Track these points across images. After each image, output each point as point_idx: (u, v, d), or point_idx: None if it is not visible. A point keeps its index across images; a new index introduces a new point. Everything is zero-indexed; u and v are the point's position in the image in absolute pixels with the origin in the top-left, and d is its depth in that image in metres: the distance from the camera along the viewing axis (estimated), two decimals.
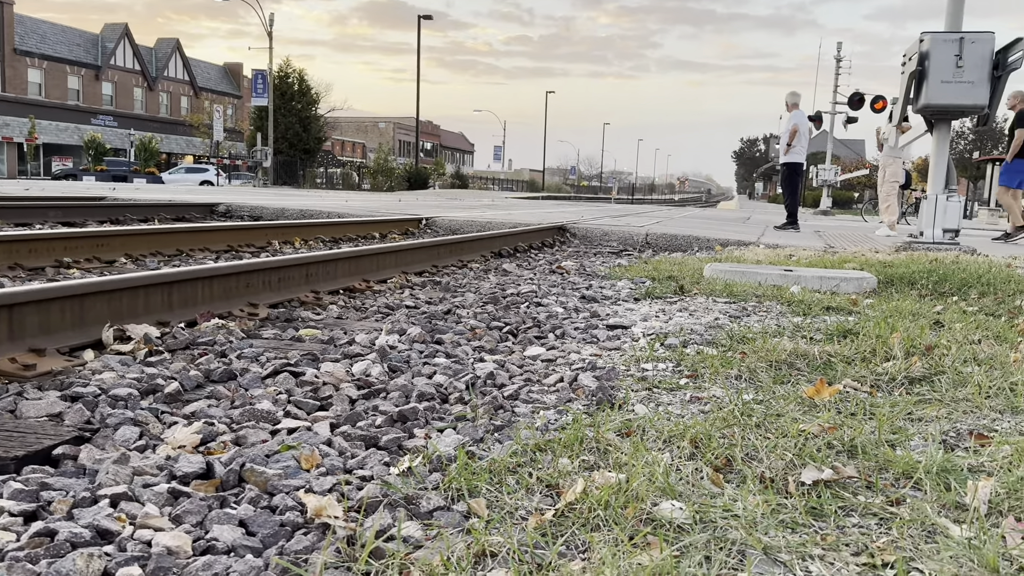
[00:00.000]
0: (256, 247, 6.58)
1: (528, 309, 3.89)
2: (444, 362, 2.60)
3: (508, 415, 2.07)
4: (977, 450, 1.82)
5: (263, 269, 3.64)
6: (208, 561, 1.20)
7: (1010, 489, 1.54)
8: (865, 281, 4.87)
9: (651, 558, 1.22)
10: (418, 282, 4.91)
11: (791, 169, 12.28)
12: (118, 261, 5.13)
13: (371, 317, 3.57)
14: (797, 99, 12.07)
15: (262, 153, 35.74)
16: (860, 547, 1.33)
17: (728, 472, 1.66)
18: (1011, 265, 6.05)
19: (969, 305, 4.20)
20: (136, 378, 2.20)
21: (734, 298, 4.35)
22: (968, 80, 7.44)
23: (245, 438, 1.79)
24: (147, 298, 2.94)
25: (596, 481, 1.50)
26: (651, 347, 2.92)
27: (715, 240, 8.82)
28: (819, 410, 2.09)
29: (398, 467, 1.63)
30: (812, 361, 2.66)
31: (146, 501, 1.42)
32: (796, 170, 12.30)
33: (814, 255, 6.88)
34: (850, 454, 1.75)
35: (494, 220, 9.99)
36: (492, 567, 1.23)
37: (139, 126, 53.36)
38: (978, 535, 1.32)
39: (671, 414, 2.06)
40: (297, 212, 10.14)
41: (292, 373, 2.35)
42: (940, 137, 8.06)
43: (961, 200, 8.38)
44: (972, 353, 2.79)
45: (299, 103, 42.46)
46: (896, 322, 3.36)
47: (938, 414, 2.11)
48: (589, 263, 6.79)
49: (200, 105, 58.00)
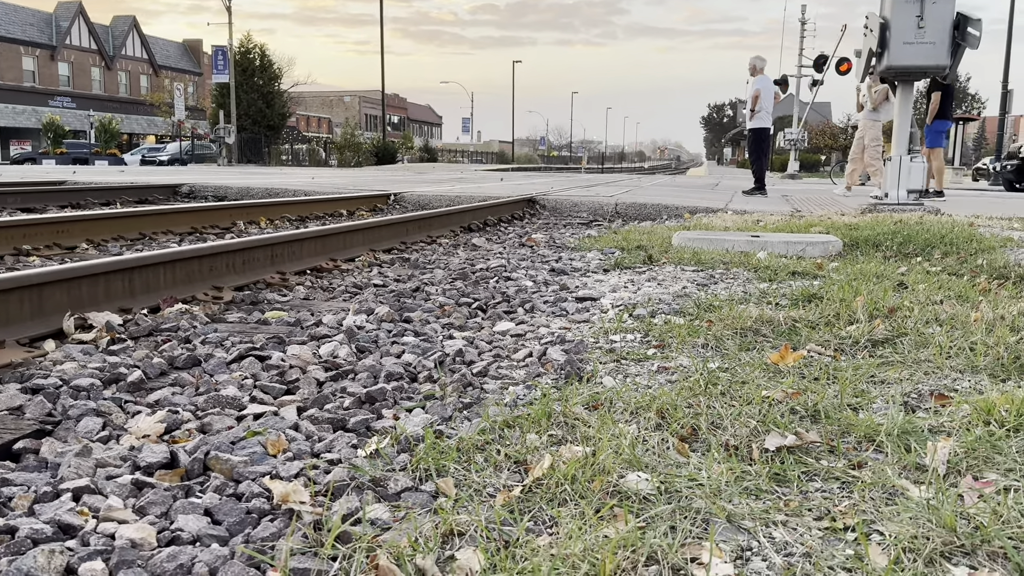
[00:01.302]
0: (220, 228, 6.50)
1: (497, 284, 3.89)
2: (413, 341, 2.59)
3: (477, 392, 2.07)
4: (937, 411, 1.85)
5: (227, 251, 3.59)
6: (173, 552, 1.19)
7: (968, 448, 1.57)
8: (831, 245, 4.92)
9: (617, 530, 1.23)
10: (386, 260, 4.88)
11: (757, 135, 12.32)
12: (79, 247, 5.03)
13: (339, 297, 3.55)
14: (762, 63, 12.05)
15: (225, 131, 35.08)
16: (822, 511, 1.35)
17: (694, 441, 1.67)
18: (973, 225, 6.14)
19: (932, 265, 4.26)
20: (98, 367, 2.17)
21: (702, 266, 4.38)
22: (930, 41, 7.48)
23: (210, 425, 1.77)
24: (108, 285, 2.89)
25: (563, 456, 1.51)
26: (619, 318, 2.93)
27: (684, 208, 8.85)
28: (783, 376, 2.11)
29: (366, 449, 1.62)
30: (777, 327, 2.68)
31: (109, 493, 1.40)
32: (762, 135, 12.34)
33: (781, 220, 6.94)
34: (813, 419, 1.78)
35: (463, 194, 9.94)
36: (460, 546, 1.23)
37: (98, 107, 52.21)
38: (937, 496, 1.35)
39: (639, 385, 2.07)
40: (262, 191, 10.01)
41: (258, 357, 2.33)
42: (903, 99, 8.12)
43: (924, 161, 8.45)
44: (934, 314, 2.84)
45: (261, 79, 41.72)
46: (860, 285, 3.40)
47: (900, 376, 2.15)
48: (559, 235, 6.79)
49: (160, 83, 56.85)
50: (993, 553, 1.19)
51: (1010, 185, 19.79)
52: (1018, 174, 19.42)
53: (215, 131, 35.35)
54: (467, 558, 1.16)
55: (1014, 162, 19.61)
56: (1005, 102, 27.94)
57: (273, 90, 42.72)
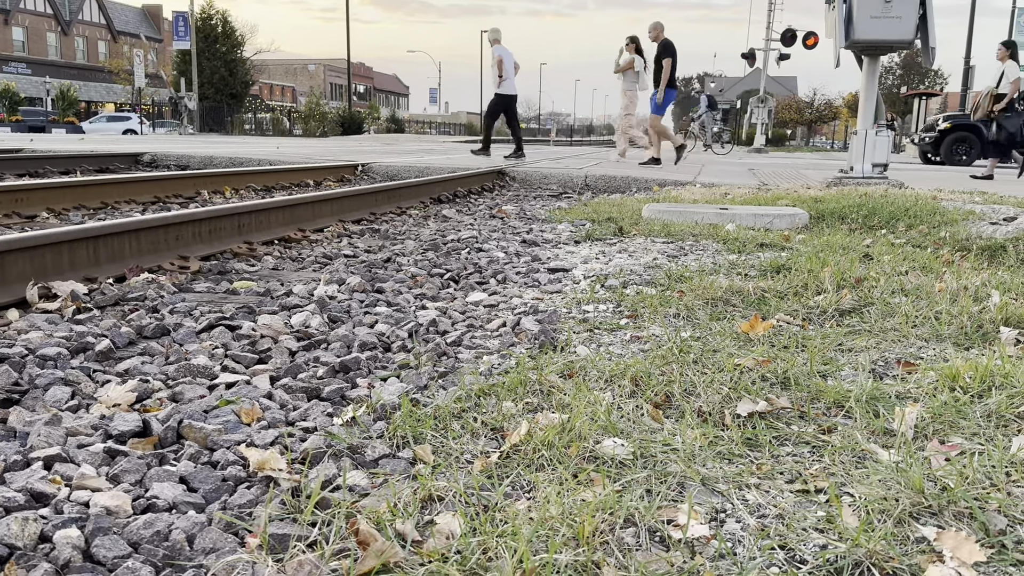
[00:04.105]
0: (184, 198, 6.39)
1: (469, 255, 3.88)
2: (385, 311, 2.58)
3: (451, 361, 2.07)
4: (904, 377, 1.89)
5: (193, 220, 3.53)
6: (149, 519, 1.18)
7: (935, 413, 1.61)
8: (797, 217, 4.97)
9: (594, 494, 1.24)
10: (356, 230, 4.84)
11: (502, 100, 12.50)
12: (40, 216, 4.91)
13: (308, 267, 3.51)
14: (497, 34, 12.61)
15: (187, 97, 34.27)
16: (794, 475, 1.38)
17: (668, 408, 1.69)
18: (936, 198, 6.25)
19: (897, 238, 4.33)
20: (65, 336, 2.13)
21: (672, 238, 4.41)
22: (896, 15, 7.54)
23: (182, 394, 1.75)
24: (72, 254, 2.83)
25: (540, 422, 1.52)
26: (592, 289, 2.94)
27: (653, 180, 8.88)
28: (754, 344, 2.14)
29: (342, 417, 1.62)
30: (747, 297, 2.72)
31: (82, 462, 1.38)
32: (507, 102, 12.54)
33: (748, 193, 7.00)
34: (783, 386, 1.81)
35: (432, 165, 9.86)
36: (439, 511, 1.24)
37: (55, 73, 50.80)
38: (905, 459, 1.38)
39: (612, 354, 2.09)
40: (226, 160, 9.84)
41: (228, 327, 2.30)
42: (870, 73, 8.20)
43: (890, 135, 8.55)
44: (900, 284, 2.89)
45: (224, 46, 40.85)
46: (827, 256, 3.45)
47: (867, 344, 2.19)
48: (529, 207, 6.78)
49: (119, 50, 55.39)
50: (959, 513, 1.22)
51: (925, 157, 20.13)
52: (934, 146, 19.77)
53: (173, 98, 34.44)
54: (447, 522, 1.17)
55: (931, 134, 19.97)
56: (967, 78, 28.35)
57: (236, 58, 41.90)
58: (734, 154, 23.04)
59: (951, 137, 19.28)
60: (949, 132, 19.33)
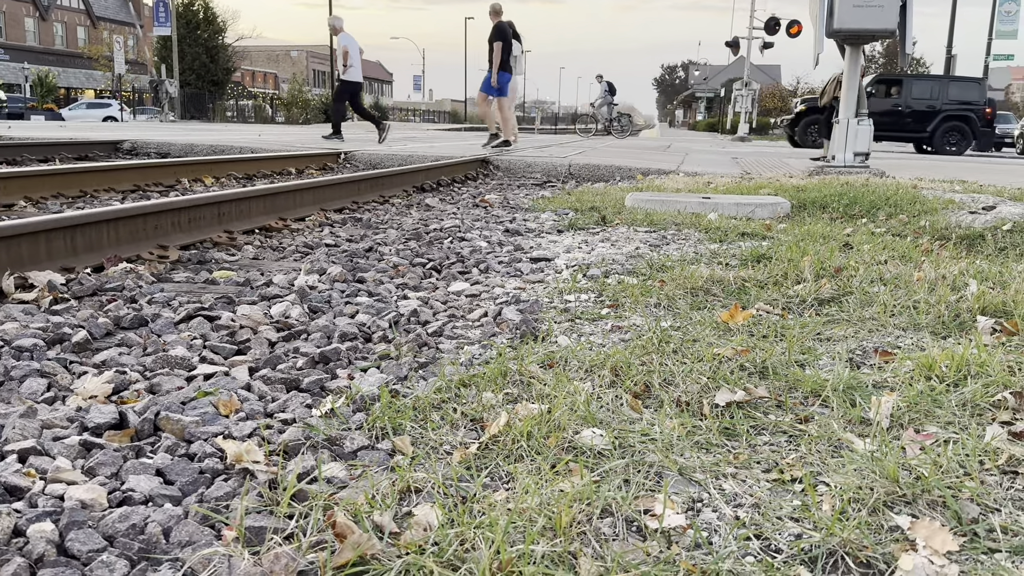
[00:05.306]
0: (164, 186, 6.33)
1: (452, 244, 3.87)
2: (367, 301, 2.57)
3: (432, 352, 2.07)
4: (881, 367, 1.91)
5: (172, 209, 3.50)
6: (125, 512, 1.17)
7: (910, 403, 1.63)
8: (779, 206, 4.99)
9: (572, 484, 1.24)
10: (338, 219, 4.82)
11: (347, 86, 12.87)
12: (17, 204, 4.85)
13: (289, 257, 3.49)
14: (340, 23, 13.01)
15: (168, 83, 33.83)
16: (771, 464, 1.39)
17: (647, 398, 1.70)
18: (916, 187, 6.29)
19: (877, 227, 4.36)
20: (41, 327, 2.10)
21: (654, 227, 4.42)
22: (878, 4, 7.56)
23: (159, 386, 1.74)
24: (49, 243, 2.80)
25: (519, 413, 1.52)
26: (574, 279, 2.94)
27: (637, 169, 8.89)
28: (733, 334, 2.15)
29: (321, 409, 1.61)
30: (727, 286, 2.73)
31: (57, 454, 1.37)
32: (352, 88, 12.91)
33: (731, 182, 7.02)
34: (762, 375, 1.82)
35: (416, 153, 9.82)
36: (417, 502, 1.24)
37: (33, 59, 50.09)
38: (880, 448, 1.40)
39: (593, 344, 2.09)
40: (207, 148, 9.75)
41: (207, 317, 2.29)
42: (852, 61, 8.22)
43: (871, 124, 8.59)
44: (879, 273, 2.91)
45: (205, 32, 40.44)
46: (807, 246, 3.47)
47: (845, 334, 2.20)
48: (513, 196, 6.77)
49: (99, 36, 54.73)
50: (933, 502, 1.24)
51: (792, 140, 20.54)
52: (791, 126, 20.27)
53: (154, 82, 33.98)
54: (424, 514, 1.17)
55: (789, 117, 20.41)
56: (949, 67, 28.51)
57: (217, 44, 41.49)
58: (718, 143, 23.14)
59: (805, 120, 19.81)
60: (804, 115, 19.84)
